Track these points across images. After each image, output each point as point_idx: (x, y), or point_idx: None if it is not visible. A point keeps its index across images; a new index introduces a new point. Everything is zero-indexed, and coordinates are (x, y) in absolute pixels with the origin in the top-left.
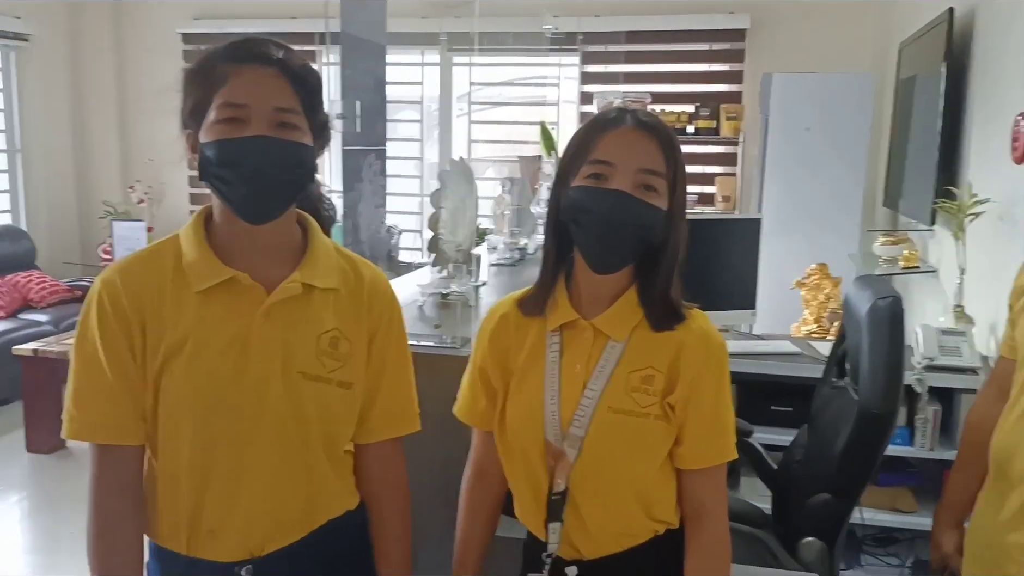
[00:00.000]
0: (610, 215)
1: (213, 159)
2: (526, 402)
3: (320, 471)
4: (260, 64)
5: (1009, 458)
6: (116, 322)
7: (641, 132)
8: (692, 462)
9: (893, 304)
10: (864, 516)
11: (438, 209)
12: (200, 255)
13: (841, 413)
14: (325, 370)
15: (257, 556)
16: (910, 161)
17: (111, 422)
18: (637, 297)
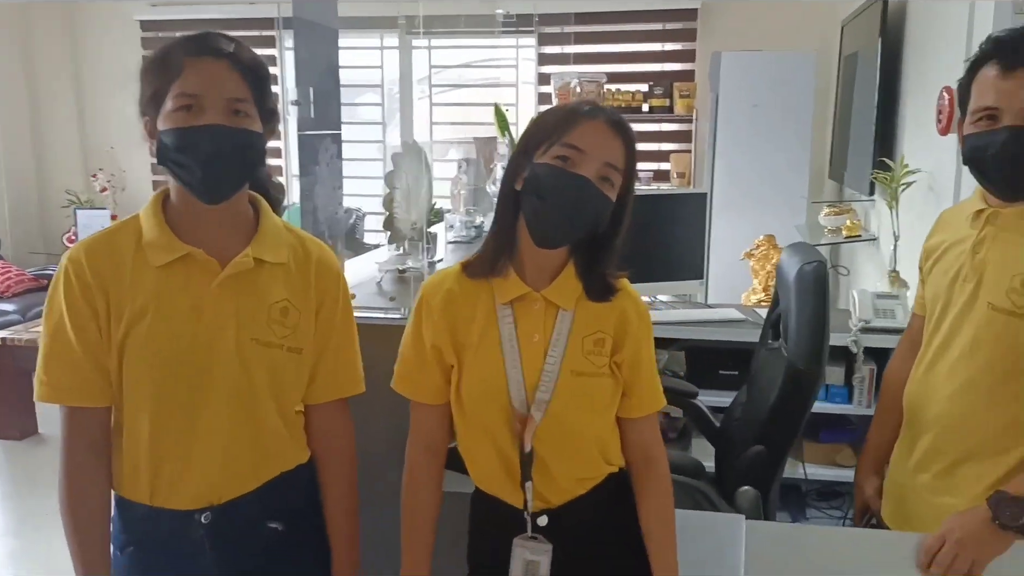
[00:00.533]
0: (572, 197)
1: (171, 145)
2: (486, 373)
3: (271, 428)
4: (213, 57)
5: (917, 407)
6: (81, 295)
7: (613, 129)
8: (638, 411)
9: (818, 268)
10: (808, 472)
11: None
12: (158, 233)
13: (775, 372)
14: (276, 337)
15: (215, 504)
16: (852, 135)
17: (77, 386)
18: (575, 271)
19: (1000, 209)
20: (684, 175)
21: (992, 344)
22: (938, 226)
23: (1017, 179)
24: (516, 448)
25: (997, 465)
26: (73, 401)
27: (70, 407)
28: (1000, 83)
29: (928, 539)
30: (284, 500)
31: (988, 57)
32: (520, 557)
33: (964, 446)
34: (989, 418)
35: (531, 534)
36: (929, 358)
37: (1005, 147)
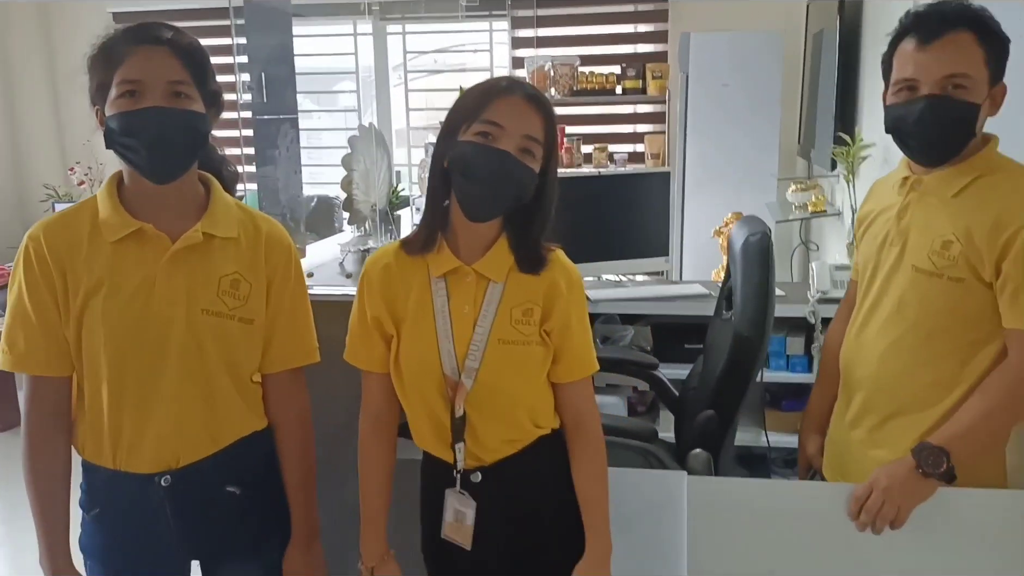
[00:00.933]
0: (493, 171)
1: (117, 129)
2: (421, 343)
3: (225, 396)
4: (152, 44)
5: (851, 367)
6: (39, 271)
7: (529, 103)
8: (568, 376)
9: (762, 239)
10: (771, 440)
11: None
12: (112, 211)
13: (724, 342)
14: (226, 308)
15: (173, 468)
16: (819, 112)
17: (36, 356)
18: (508, 244)
19: (922, 176)
20: (658, 156)
21: (917, 304)
22: (869, 195)
23: (935, 146)
24: (448, 412)
25: (924, 419)
26: (33, 370)
27: (31, 376)
28: (918, 55)
29: (858, 489)
30: (241, 465)
31: (907, 31)
32: (451, 506)
33: (893, 402)
34: (916, 375)
35: (459, 490)
36: (860, 320)
37: (923, 115)
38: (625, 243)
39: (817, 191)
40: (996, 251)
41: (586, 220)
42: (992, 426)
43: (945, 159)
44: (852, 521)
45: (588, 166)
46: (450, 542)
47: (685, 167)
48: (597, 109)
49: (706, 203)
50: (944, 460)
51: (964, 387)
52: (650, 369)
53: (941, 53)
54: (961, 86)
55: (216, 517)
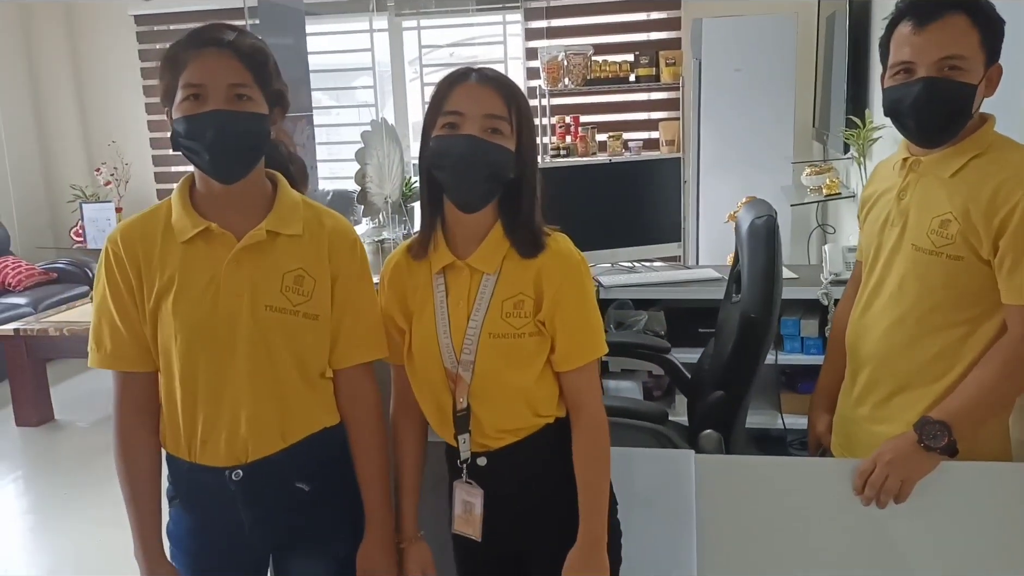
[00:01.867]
0: (463, 156)
1: (181, 132)
2: (424, 337)
3: (294, 391)
4: (215, 47)
5: (857, 344)
6: (118, 272)
7: (484, 85)
8: (565, 364)
9: (768, 222)
10: (787, 422)
11: (363, 165)
12: (183, 212)
13: (734, 323)
14: (291, 304)
15: (245, 463)
16: (832, 95)
17: (120, 353)
18: (503, 231)
19: (921, 157)
20: (673, 142)
21: (918, 282)
22: (872, 177)
23: (932, 127)
24: (451, 404)
25: (927, 394)
26: (119, 367)
27: (118, 373)
28: (914, 38)
29: (862, 463)
30: (313, 461)
31: (903, 14)
32: (459, 498)
33: (897, 378)
34: (918, 351)
35: (466, 480)
36: (865, 299)
37: (919, 97)
38: (638, 229)
39: (831, 174)
40: (993, 229)
41: (599, 207)
42: (992, 399)
43: (942, 140)
44: (857, 495)
45: (603, 154)
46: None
47: (699, 153)
48: (611, 97)
49: (721, 188)
50: (946, 434)
51: (966, 362)
52: (662, 353)
53: (936, 36)
54: (957, 67)
55: (287, 511)
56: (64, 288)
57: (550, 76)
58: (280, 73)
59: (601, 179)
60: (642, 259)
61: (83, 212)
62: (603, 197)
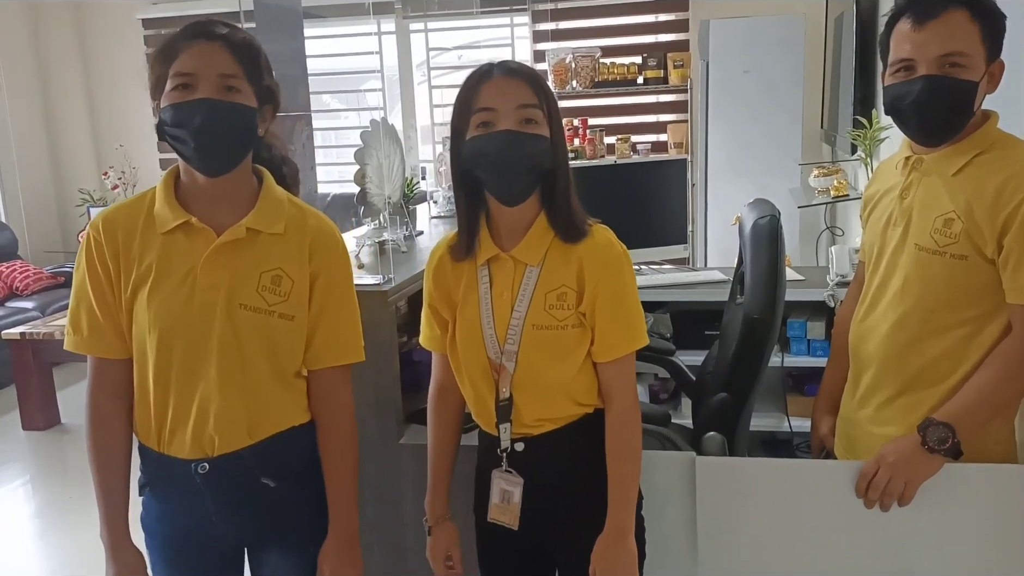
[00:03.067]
0: (504, 152)
1: (168, 120)
2: (468, 327)
3: (265, 389)
4: (206, 39)
5: (860, 345)
6: (97, 258)
7: (510, 77)
8: (602, 356)
9: (771, 222)
10: (793, 425)
11: (363, 166)
12: (165, 204)
13: (738, 325)
14: (267, 304)
15: (210, 456)
16: (840, 96)
17: (96, 338)
18: (547, 221)
19: (923, 155)
20: (681, 144)
21: (921, 282)
22: (874, 176)
23: (933, 126)
24: (493, 393)
25: (931, 396)
26: (94, 352)
27: (94, 358)
28: (914, 35)
29: (865, 466)
30: (280, 459)
31: (903, 11)
32: (497, 487)
33: (901, 379)
34: (922, 352)
35: (506, 469)
36: (868, 300)
37: (920, 96)
38: (644, 231)
39: (839, 175)
40: (997, 227)
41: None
42: (997, 401)
43: (944, 139)
44: (860, 498)
45: (611, 157)
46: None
47: (708, 155)
48: (619, 100)
49: (730, 190)
50: (950, 436)
51: (970, 363)
52: (667, 355)
53: (936, 32)
54: (958, 64)
55: (253, 507)
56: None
57: (558, 78)
58: (272, 71)
59: (607, 181)
60: (649, 261)
61: (91, 216)
62: (609, 199)
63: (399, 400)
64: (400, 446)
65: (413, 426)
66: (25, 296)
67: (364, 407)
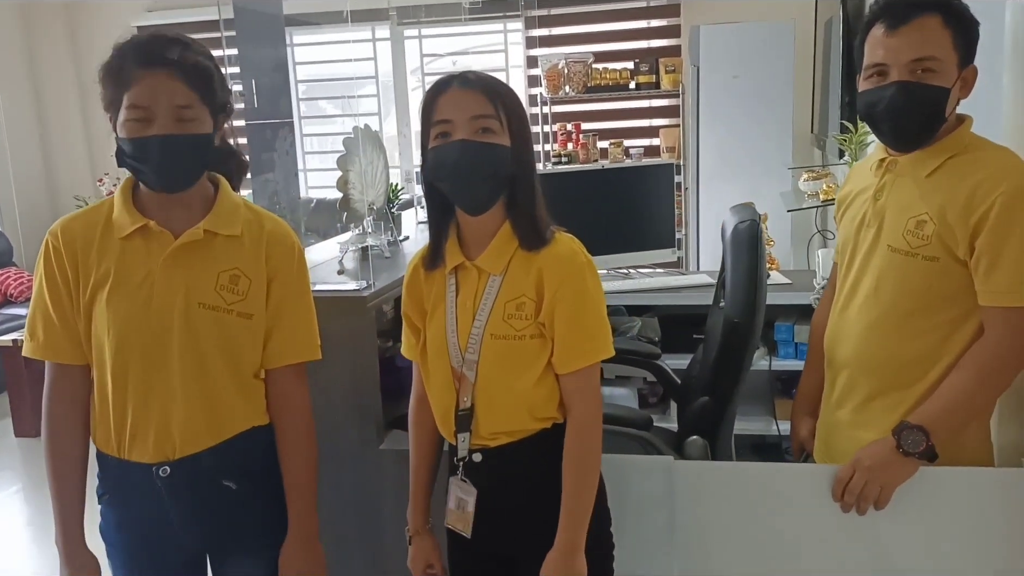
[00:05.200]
0: (460, 161)
1: (127, 152)
2: (434, 335)
3: (224, 390)
4: (160, 67)
5: (834, 347)
6: (55, 265)
7: (466, 89)
8: (562, 367)
9: (751, 227)
10: (781, 428)
11: (345, 172)
12: (123, 210)
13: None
14: (224, 303)
15: (171, 459)
16: (830, 100)
17: (53, 345)
18: (511, 230)
19: (897, 157)
20: (674, 149)
21: (893, 284)
22: (849, 177)
23: (906, 131)
24: (454, 402)
25: (906, 397)
26: (51, 358)
27: (50, 364)
28: (887, 40)
29: (840, 470)
30: (241, 460)
31: (877, 17)
32: (454, 494)
33: (875, 381)
34: (896, 354)
35: (461, 478)
36: (842, 301)
37: (893, 101)
38: (632, 235)
39: (829, 179)
40: (969, 229)
41: (593, 213)
42: (971, 403)
43: (917, 144)
44: (836, 502)
45: (605, 161)
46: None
47: (699, 159)
48: (612, 105)
49: (721, 194)
50: (924, 439)
51: (944, 364)
52: (653, 359)
53: (909, 38)
54: (930, 70)
55: (215, 510)
56: None
57: (551, 84)
58: (225, 82)
59: (595, 185)
60: (638, 265)
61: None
62: (597, 203)
63: (379, 406)
64: (380, 452)
65: (395, 432)
66: (19, 303)
67: (343, 413)
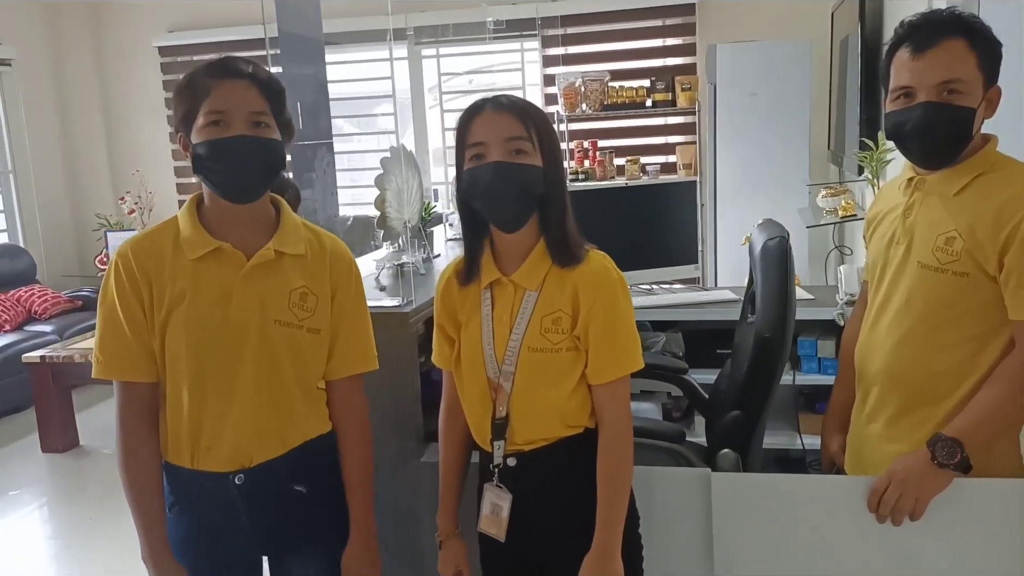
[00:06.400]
0: (493, 181)
1: (204, 155)
2: (470, 347)
3: (294, 400)
4: (236, 78)
5: (865, 363)
6: (128, 285)
7: (499, 112)
8: (595, 378)
9: (780, 243)
10: (805, 443)
11: (383, 191)
12: (192, 230)
13: (749, 343)
14: (296, 319)
15: (247, 467)
16: (847, 118)
17: (127, 363)
18: (545, 247)
19: (925, 176)
20: (690, 165)
21: (924, 299)
22: (877, 197)
23: (934, 149)
24: (490, 411)
25: (937, 411)
26: (125, 376)
27: (123, 382)
28: (913, 63)
29: (876, 481)
30: (308, 466)
31: (902, 40)
32: (488, 500)
33: (907, 395)
34: (927, 367)
35: (496, 484)
36: (872, 317)
37: (920, 121)
38: (655, 252)
39: (847, 196)
40: (999, 245)
41: (617, 230)
42: (1003, 415)
43: (944, 162)
44: (871, 513)
45: (621, 178)
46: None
47: (716, 176)
48: (628, 122)
49: (738, 210)
50: (958, 451)
51: (975, 378)
52: (680, 373)
53: (935, 60)
54: (956, 91)
55: (285, 513)
56: (89, 316)
57: (568, 102)
58: (286, 103)
59: (618, 203)
60: (660, 281)
61: (108, 240)
62: (621, 220)
63: (420, 418)
64: (421, 464)
65: (433, 444)
66: (44, 320)
67: (385, 426)
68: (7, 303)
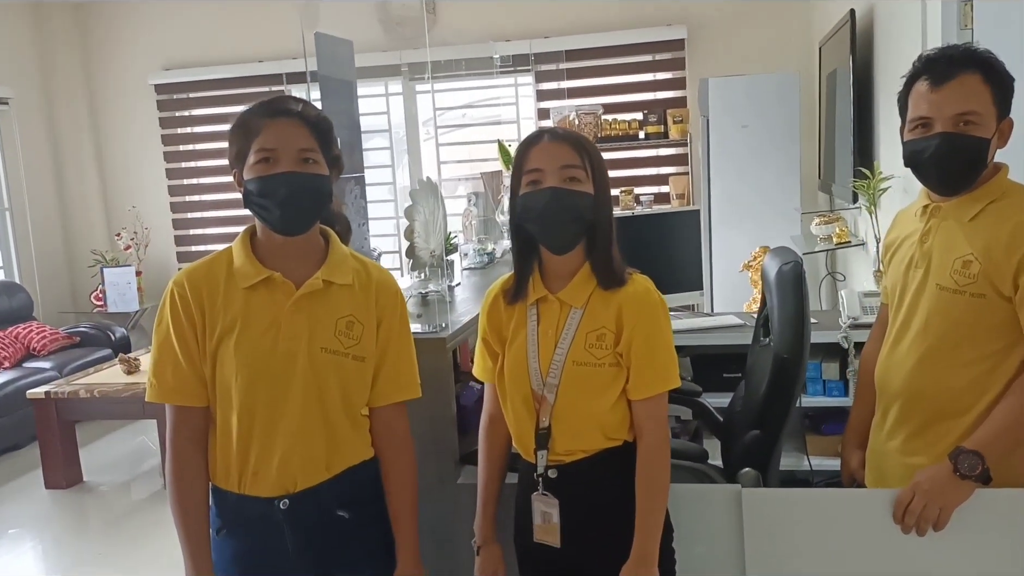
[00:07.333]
0: (549, 206)
1: (254, 191)
2: (515, 361)
3: (339, 427)
4: (285, 116)
5: (886, 381)
6: (183, 312)
7: (556, 142)
8: (636, 394)
9: (795, 268)
10: (813, 464)
11: (412, 222)
12: (245, 260)
13: (766, 365)
14: (343, 347)
15: (292, 492)
16: (837, 148)
17: (180, 388)
18: (590, 269)
19: (941, 203)
20: (683, 195)
21: (942, 319)
22: (893, 224)
23: (950, 177)
24: (533, 423)
25: (957, 425)
26: (177, 401)
27: (175, 407)
28: (931, 96)
29: (901, 493)
30: (352, 491)
31: (920, 74)
32: (538, 509)
33: (927, 411)
34: (946, 384)
35: (542, 492)
36: (893, 338)
37: (937, 150)
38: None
39: (840, 223)
40: (1013, 266)
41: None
42: (1020, 427)
43: (960, 189)
44: (897, 524)
45: (616, 209)
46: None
47: (711, 205)
48: (622, 154)
49: (733, 239)
50: (980, 463)
51: (993, 393)
52: (694, 396)
53: (952, 93)
54: (971, 122)
55: (329, 538)
56: (87, 352)
57: None
58: (337, 140)
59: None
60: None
61: (104, 276)
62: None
63: (456, 442)
64: (458, 486)
65: (467, 467)
66: (42, 356)
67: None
68: (6, 340)
